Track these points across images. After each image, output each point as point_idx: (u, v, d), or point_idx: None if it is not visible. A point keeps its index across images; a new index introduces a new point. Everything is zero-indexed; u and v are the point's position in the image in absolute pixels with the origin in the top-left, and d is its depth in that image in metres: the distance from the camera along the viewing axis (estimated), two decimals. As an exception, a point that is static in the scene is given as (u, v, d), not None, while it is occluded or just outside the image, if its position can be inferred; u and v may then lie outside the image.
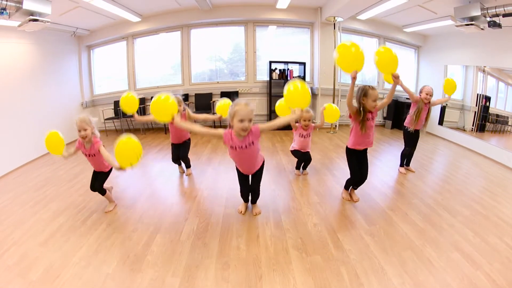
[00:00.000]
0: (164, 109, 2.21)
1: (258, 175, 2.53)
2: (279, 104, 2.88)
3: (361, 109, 2.52)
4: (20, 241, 2.28)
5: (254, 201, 2.73)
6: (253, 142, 2.20)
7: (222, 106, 2.97)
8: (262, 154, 2.50)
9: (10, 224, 2.55)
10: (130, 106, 2.79)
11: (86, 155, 2.57)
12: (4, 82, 4.19)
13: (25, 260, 2.04)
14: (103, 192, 2.75)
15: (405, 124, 3.58)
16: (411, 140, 3.59)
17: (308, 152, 3.47)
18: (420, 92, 3.42)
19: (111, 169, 2.72)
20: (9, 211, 2.83)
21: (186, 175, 3.68)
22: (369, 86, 2.50)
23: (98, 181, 2.70)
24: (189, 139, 3.57)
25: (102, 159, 2.55)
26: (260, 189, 2.63)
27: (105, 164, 2.62)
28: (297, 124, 3.34)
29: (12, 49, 4.37)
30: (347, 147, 2.74)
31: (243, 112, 2.03)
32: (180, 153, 3.57)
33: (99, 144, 2.49)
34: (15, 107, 4.34)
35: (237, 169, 2.53)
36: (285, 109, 2.93)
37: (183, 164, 3.75)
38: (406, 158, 3.72)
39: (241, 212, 2.67)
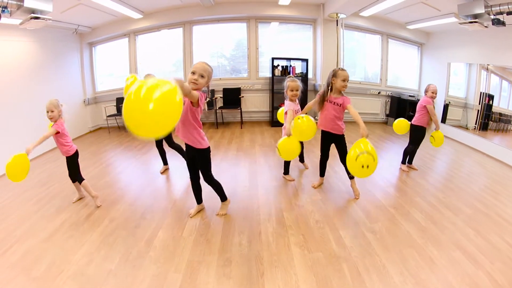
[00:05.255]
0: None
1: (197, 159, 2.35)
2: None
3: (329, 89, 2.70)
4: (23, 238, 2.30)
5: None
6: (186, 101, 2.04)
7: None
8: (205, 138, 2.27)
9: (14, 221, 2.58)
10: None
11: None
12: (6, 80, 4.19)
13: (28, 257, 2.06)
14: (80, 179, 2.77)
15: (418, 123, 3.50)
16: (420, 139, 3.58)
17: None
18: (426, 91, 3.45)
19: (74, 156, 2.74)
20: (12, 208, 2.85)
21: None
22: (339, 68, 2.66)
23: (69, 170, 2.76)
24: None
25: (60, 140, 2.63)
26: (220, 181, 2.52)
27: (64, 146, 2.66)
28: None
29: (14, 47, 4.37)
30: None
31: (197, 65, 2.08)
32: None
33: (55, 127, 2.56)
34: (18, 105, 4.35)
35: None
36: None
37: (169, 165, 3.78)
38: (408, 156, 3.71)
39: (189, 214, 2.58)
